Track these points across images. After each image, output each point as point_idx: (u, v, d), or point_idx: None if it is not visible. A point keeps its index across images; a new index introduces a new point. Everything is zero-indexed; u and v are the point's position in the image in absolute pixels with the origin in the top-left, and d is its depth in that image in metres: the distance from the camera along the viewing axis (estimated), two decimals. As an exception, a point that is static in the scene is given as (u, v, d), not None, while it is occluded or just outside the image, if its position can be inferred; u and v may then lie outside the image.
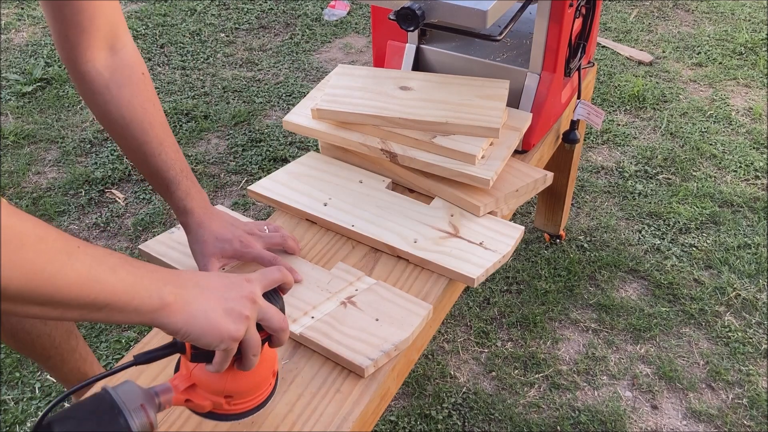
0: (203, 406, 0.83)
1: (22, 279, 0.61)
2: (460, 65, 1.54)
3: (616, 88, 2.85)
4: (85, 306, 0.66)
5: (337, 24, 3.41)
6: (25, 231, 0.62)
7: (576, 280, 2.03)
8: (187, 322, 0.73)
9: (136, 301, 0.69)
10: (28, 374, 1.81)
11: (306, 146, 2.57)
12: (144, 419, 0.73)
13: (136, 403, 0.74)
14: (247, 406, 0.87)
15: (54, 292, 0.63)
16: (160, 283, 0.72)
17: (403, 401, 1.74)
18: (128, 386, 0.75)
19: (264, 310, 0.80)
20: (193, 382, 0.83)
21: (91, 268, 0.66)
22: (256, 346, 0.79)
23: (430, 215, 1.29)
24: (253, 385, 0.86)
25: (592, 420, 1.69)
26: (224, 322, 0.75)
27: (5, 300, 0.61)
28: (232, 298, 0.77)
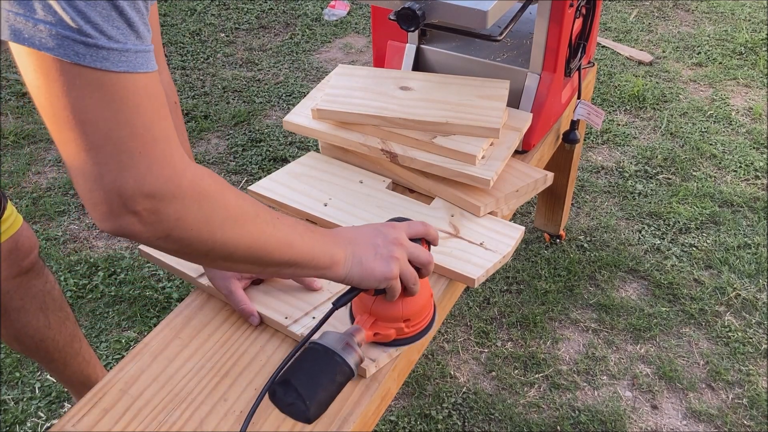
0: (389, 335, 1.00)
1: (246, 246, 0.78)
2: (460, 65, 1.54)
3: (616, 88, 2.85)
4: (281, 264, 0.83)
5: (337, 24, 3.41)
6: (247, 209, 0.78)
7: (576, 280, 2.03)
8: (349, 273, 0.90)
9: (315, 260, 0.86)
10: (28, 374, 1.80)
11: (306, 146, 2.57)
12: (353, 353, 0.90)
13: (342, 344, 0.91)
14: (421, 325, 1.03)
15: (264, 255, 0.81)
16: (331, 245, 0.89)
17: (403, 401, 1.74)
18: (330, 335, 0.92)
19: (411, 250, 0.94)
20: (374, 318, 0.99)
21: (287, 236, 0.83)
22: (412, 278, 0.94)
23: (430, 215, 1.29)
24: (422, 305, 1.02)
25: (592, 420, 1.69)
26: (377, 265, 0.91)
27: (231, 260, 0.79)
28: (381, 245, 0.92)
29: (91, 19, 0.62)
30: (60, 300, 1.42)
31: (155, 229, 0.70)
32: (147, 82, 0.67)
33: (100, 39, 0.62)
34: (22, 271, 1.31)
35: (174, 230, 0.71)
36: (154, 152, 0.67)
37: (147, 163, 0.67)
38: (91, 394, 1.00)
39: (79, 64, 0.62)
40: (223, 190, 0.76)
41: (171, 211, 0.70)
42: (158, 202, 0.68)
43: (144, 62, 0.66)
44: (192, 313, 1.13)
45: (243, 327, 1.10)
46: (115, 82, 0.64)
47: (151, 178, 0.67)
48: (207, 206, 0.73)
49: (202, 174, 0.73)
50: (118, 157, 0.66)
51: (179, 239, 0.72)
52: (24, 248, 1.29)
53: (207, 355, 1.06)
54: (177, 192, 0.70)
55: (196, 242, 0.74)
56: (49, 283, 1.38)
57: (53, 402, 1.74)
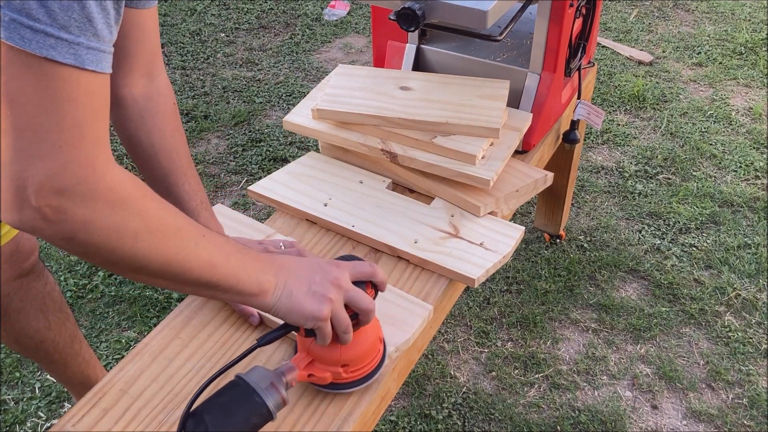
0: (324, 378, 0.95)
1: (161, 261, 0.74)
2: (460, 65, 1.54)
3: (616, 88, 2.85)
4: (200, 285, 0.79)
5: (337, 24, 3.41)
6: (168, 222, 0.74)
7: (576, 280, 2.03)
8: (276, 304, 0.85)
9: (239, 285, 0.82)
10: (28, 374, 1.81)
11: (306, 146, 2.57)
12: (276, 396, 0.85)
13: (266, 383, 0.85)
14: (363, 372, 0.97)
15: (181, 273, 0.76)
16: (261, 271, 0.84)
17: (403, 401, 1.74)
18: (257, 370, 0.87)
19: (350, 293, 0.88)
20: (311, 358, 0.94)
21: (211, 256, 0.78)
22: (343, 325, 0.88)
23: (430, 215, 1.29)
24: (363, 352, 0.96)
25: (592, 420, 1.69)
26: (307, 302, 0.85)
27: (143, 273, 0.75)
28: (317, 282, 0.87)
29: (47, 4, 0.60)
30: (60, 301, 1.42)
31: (58, 229, 0.67)
32: (92, 80, 0.65)
33: (50, 26, 0.60)
34: (23, 273, 1.31)
35: (79, 233, 0.68)
36: (76, 150, 0.65)
37: (65, 159, 0.64)
38: (91, 394, 1.00)
39: (23, 50, 0.60)
40: (144, 200, 0.72)
41: (79, 213, 0.66)
42: (66, 200, 0.65)
43: (94, 60, 0.64)
44: (192, 313, 1.13)
45: (243, 327, 1.10)
46: (55, 72, 0.62)
47: (65, 174, 0.64)
48: (120, 213, 0.69)
49: (124, 180, 0.70)
50: (36, 146, 0.63)
51: (84, 243, 0.69)
52: (24, 251, 1.29)
53: (207, 355, 1.06)
54: (89, 194, 0.66)
55: (103, 249, 0.70)
56: (49, 285, 1.38)
57: (53, 402, 1.74)
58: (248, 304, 0.85)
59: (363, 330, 0.94)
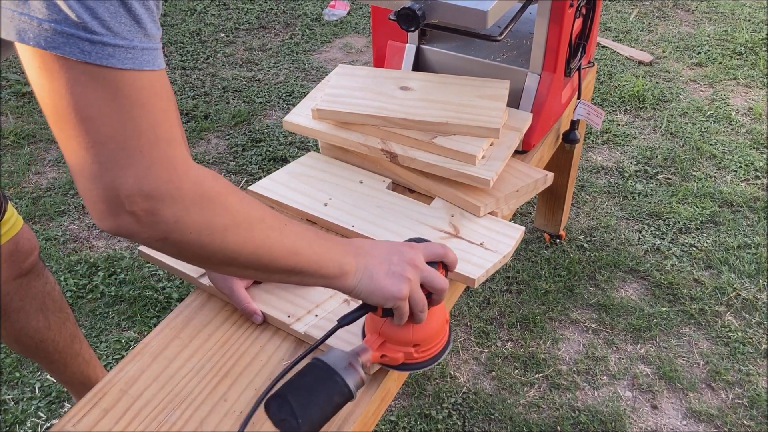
0: (396, 358, 0.96)
1: (250, 252, 0.76)
2: (460, 65, 1.54)
3: (616, 88, 2.85)
4: (286, 271, 0.81)
5: (337, 24, 3.41)
6: (252, 213, 0.77)
7: (576, 280, 2.03)
8: (357, 285, 0.87)
9: (323, 270, 0.84)
10: (28, 374, 1.80)
11: (306, 146, 2.57)
12: (355, 375, 0.88)
13: (344, 363, 0.88)
14: (432, 351, 0.99)
15: (269, 262, 0.79)
16: (341, 254, 0.86)
17: (403, 401, 1.74)
18: (335, 352, 0.90)
19: (425, 273, 0.90)
20: (383, 339, 0.95)
21: (294, 243, 0.81)
22: (420, 304, 0.90)
23: (430, 215, 1.29)
24: (433, 331, 0.97)
25: (592, 420, 1.69)
26: (387, 283, 0.87)
27: (233, 266, 0.77)
28: (395, 262, 0.89)
29: (98, 15, 0.61)
30: (60, 301, 1.42)
31: (153, 231, 0.69)
32: (153, 80, 0.67)
33: (106, 35, 0.62)
34: (23, 272, 1.31)
35: (172, 233, 0.70)
36: (156, 152, 0.67)
37: (147, 163, 0.66)
38: (91, 394, 1.00)
39: (85, 62, 0.62)
40: (227, 194, 0.74)
41: (169, 213, 0.69)
42: (156, 203, 0.68)
43: (151, 60, 0.66)
44: (192, 313, 1.13)
45: (243, 327, 1.10)
46: (120, 79, 0.64)
47: (150, 178, 0.66)
48: (208, 210, 0.72)
49: (205, 176, 0.72)
50: (119, 155, 0.65)
51: (178, 242, 0.71)
52: (24, 250, 1.29)
53: (207, 355, 1.06)
54: (176, 194, 0.69)
55: (195, 246, 0.72)
56: (49, 285, 1.38)
57: (53, 402, 1.74)
58: (331, 286, 0.87)
59: (432, 311, 0.96)
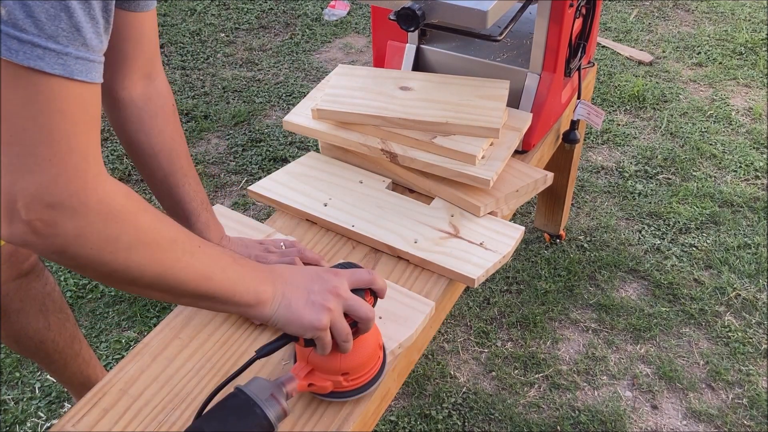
0: (325, 387, 0.94)
1: (156, 273, 0.73)
2: (460, 65, 1.54)
3: (616, 88, 2.85)
4: (196, 296, 0.78)
5: (337, 24, 3.41)
6: (163, 233, 0.74)
7: (576, 280, 2.03)
8: (274, 315, 0.85)
9: (236, 297, 0.81)
10: (28, 374, 1.80)
11: (306, 146, 2.57)
12: (277, 407, 0.84)
13: (266, 394, 0.84)
14: (363, 380, 0.97)
15: (176, 285, 0.75)
16: (258, 282, 0.83)
17: (403, 401, 1.74)
18: (257, 381, 0.86)
19: (349, 302, 0.87)
20: (311, 367, 0.93)
21: (207, 267, 0.78)
22: (343, 334, 0.87)
23: (430, 215, 1.29)
24: (364, 360, 0.95)
25: (592, 420, 1.69)
26: (305, 312, 0.85)
27: (137, 286, 0.74)
28: (316, 291, 0.86)
29: (33, 14, 0.59)
30: (60, 301, 1.42)
31: (50, 243, 0.66)
32: (82, 91, 0.64)
33: (37, 36, 0.59)
34: (22, 273, 1.31)
35: (71, 246, 0.67)
36: (66, 163, 0.64)
37: (54, 173, 0.63)
38: (91, 394, 1.00)
39: (10, 61, 0.59)
40: (138, 212, 0.71)
41: (70, 226, 0.66)
42: (58, 214, 0.65)
43: (84, 70, 0.63)
44: (192, 313, 1.13)
45: (243, 327, 1.10)
46: (44, 84, 0.61)
47: (55, 188, 0.64)
48: (114, 226, 0.69)
49: (117, 192, 0.69)
50: (25, 160, 0.62)
51: (76, 256, 0.68)
52: (24, 251, 1.29)
53: (207, 355, 1.06)
54: (80, 208, 0.66)
55: (95, 262, 0.69)
56: (48, 285, 1.38)
57: (53, 402, 1.74)
58: (246, 315, 0.85)
59: (363, 338, 0.93)
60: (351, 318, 0.88)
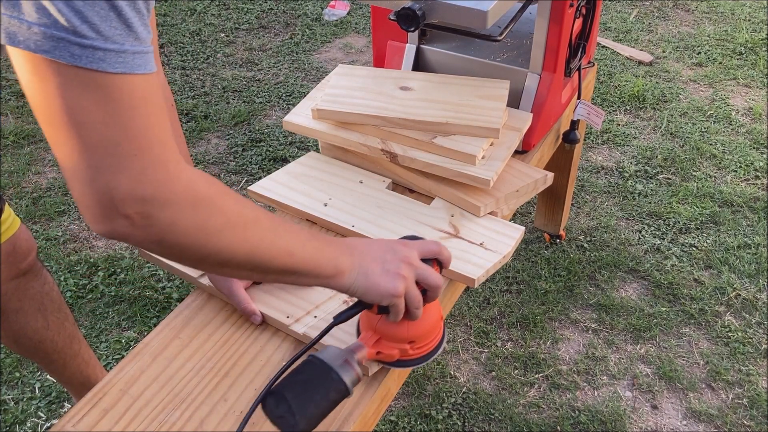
0: (392, 355, 0.97)
1: (245, 252, 0.77)
2: (460, 65, 1.54)
3: (616, 88, 2.85)
4: (281, 272, 0.82)
5: (337, 24, 3.41)
6: (246, 214, 0.77)
7: (576, 280, 2.03)
8: (353, 284, 0.88)
9: (318, 269, 0.84)
10: (28, 374, 1.80)
11: (306, 146, 2.57)
12: (351, 372, 0.88)
13: (340, 360, 0.88)
14: (427, 348, 1.00)
15: (263, 262, 0.79)
16: (336, 253, 0.86)
17: (403, 401, 1.74)
18: (330, 349, 0.90)
19: (420, 270, 0.91)
20: (378, 336, 0.96)
21: (289, 243, 0.81)
22: (415, 301, 0.91)
23: (430, 215, 1.29)
24: (429, 328, 0.98)
25: (592, 420, 1.69)
26: (383, 280, 0.88)
27: (229, 267, 0.77)
28: (390, 260, 0.90)
29: (88, 19, 0.61)
30: (58, 301, 1.42)
31: (148, 234, 0.69)
32: (144, 84, 0.66)
33: (96, 40, 0.62)
34: (20, 273, 1.31)
35: (167, 235, 0.70)
36: (149, 155, 0.67)
37: (140, 167, 0.66)
38: (91, 394, 1.00)
39: (75, 66, 0.62)
40: (221, 195, 0.74)
41: (164, 216, 0.69)
42: (150, 206, 0.67)
43: (142, 64, 0.66)
44: (192, 313, 1.13)
45: (243, 327, 1.10)
46: (110, 84, 0.64)
47: (143, 181, 0.66)
48: (202, 212, 0.72)
49: (198, 178, 0.72)
50: (111, 160, 0.65)
51: (173, 244, 0.71)
52: (22, 250, 1.29)
53: (207, 355, 1.06)
54: (170, 197, 0.69)
55: (191, 248, 0.72)
56: (47, 285, 1.38)
57: (53, 402, 1.74)
58: (327, 286, 0.88)
59: (427, 307, 0.96)
60: (421, 286, 0.92)
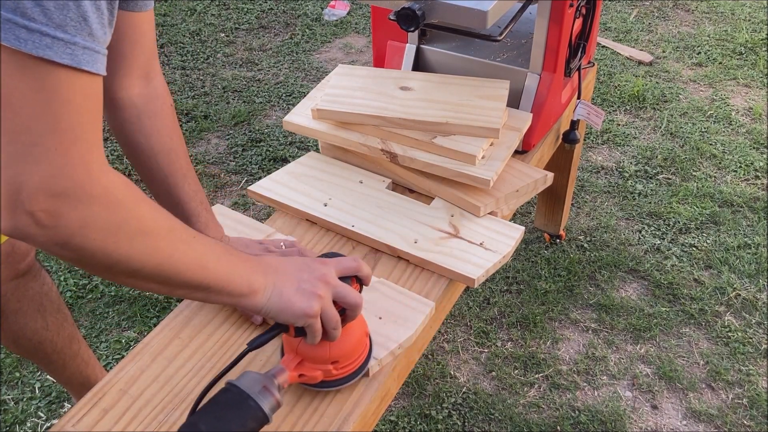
0: (315, 377, 0.95)
1: (155, 263, 0.73)
2: (460, 65, 1.54)
3: (616, 88, 2.85)
4: (192, 286, 0.78)
5: (337, 24, 3.41)
6: (161, 223, 0.74)
7: (576, 280, 2.03)
8: (267, 303, 0.85)
9: (231, 286, 0.82)
10: (28, 374, 1.80)
11: (306, 146, 2.57)
12: (270, 398, 0.85)
13: (259, 387, 0.85)
14: (352, 367, 0.98)
15: (174, 274, 0.75)
16: (250, 272, 0.84)
17: (403, 401, 1.74)
18: (248, 375, 0.86)
19: (338, 289, 0.89)
20: (300, 358, 0.94)
21: (202, 256, 0.78)
22: (333, 321, 0.89)
23: (430, 215, 1.29)
24: (351, 347, 0.96)
25: (592, 420, 1.69)
26: (297, 300, 0.85)
27: (136, 277, 0.74)
28: (306, 279, 0.87)
29: (42, 2, 0.59)
30: (57, 302, 1.42)
31: (53, 234, 0.65)
32: (88, 82, 0.64)
33: (46, 25, 0.59)
34: (19, 273, 1.30)
35: (75, 237, 0.66)
36: (72, 152, 0.64)
37: (61, 162, 0.63)
38: (91, 394, 1.00)
39: (19, 50, 0.59)
40: (139, 202, 0.72)
41: (75, 216, 0.65)
42: (62, 204, 0.64)
43: (90, 60, 0.63)
44: (192, 313, 1.13)
45: (243, 327, 1.10)
46: (51, 73, 0.61)
47: (61, 177, 0.63)
48: (117, 216, 0.69)
49: (118, 182, 0.70)
50: (31, 149, 0.62)
51: (80, 248, 0.67)
52: (21, 251, 1.29)
53: (207, 355, 1.06)
54: (85, 197, 0.65)
55: (98, 254, 0.69)
56: (46, 285, 1.38)
57: (53, 402, 1.74)
58: (239, 305, 0.85)
59: (350, 326, 0.94)
60: (339, 305, 0.90)
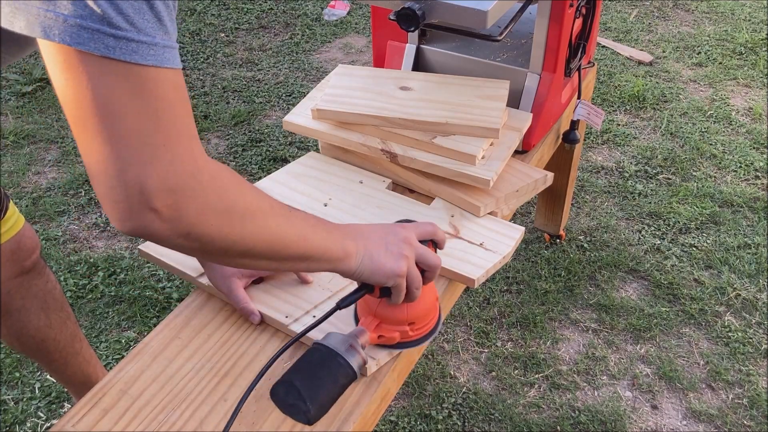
0: (393, 337, 1.00)
1: (264, 240, 0.78)
2: (460, 65, 1.54)
3: (616, 88, 2.85)
4: (297, 258, 0.83)
5: (337, 24, 3.41)
6: (263, 202, 0.79)
7: (576, 280, 2.03)
8: (359, 266, 0.90)
9: (329, 253, 0.86)
10: (28, 374, 1.81)
11: (306, 146, 2.57)
12: (356, 356, 0.91)
13: (345, 345, 0.91)
14: (426, 329, 1.04)
15: (281, 249, 0.81)
16: (342, 237, 0.89)
17: (403, 401, 1.74)
18: (334, 336, 0.92)
19: (419, 251, 0.94)
20: (379, 320, 0.99)
21: (301, 228, 0.83)
22: (416, 280, 0.94)
23: (430, 215, 1.29)
24: (426, 309, 1.02)
25: (592, 420, 1.69)
26: (387, 261, 0.91)
27: (250, 256, 0.79)
28: (392, 242, 0.92)
29: (122, 10, 0.62)
30: (61, 300, 1.42)
31: (176, 227, 0.69)
32: (173, 77, 0.67)
33: (130, 31, 0.62)
34: (24, 271, 1.31)
35: (195, 226, 0.71)
36: (178, 147, 0.67)
37: (170, 158, 0.67)
38: (91, 394, 1.00)
39: (109, 57, 0.62)
40: (241, 185, 0.76)
41: (192, 206, 0.69)
42: (180, 197, 0.68)
43: (171, 58, 0.67)
44: (192, 313, 1.13)
45: (243, 327, 1.10)
46: (143, 75, 0.64)
47: (174, 172, 0.67)
48: (227, 200, 0.73)
49: (221, 169, 0.73)
50: (142, 151, 0.65)
51: (200, 236, 0.72)
52: (26, 248, 1.29)
53: (207, 355, 1.06)
54: (198, 187, 0.69)
55: (216, 239, 0.73)
56: (50, 283, 1.38)
57: (53, 402, 1.74)
58: (336, 270, 0.89)
59: (424, 289, 0.99)
60: (419, 267, 0.95)
